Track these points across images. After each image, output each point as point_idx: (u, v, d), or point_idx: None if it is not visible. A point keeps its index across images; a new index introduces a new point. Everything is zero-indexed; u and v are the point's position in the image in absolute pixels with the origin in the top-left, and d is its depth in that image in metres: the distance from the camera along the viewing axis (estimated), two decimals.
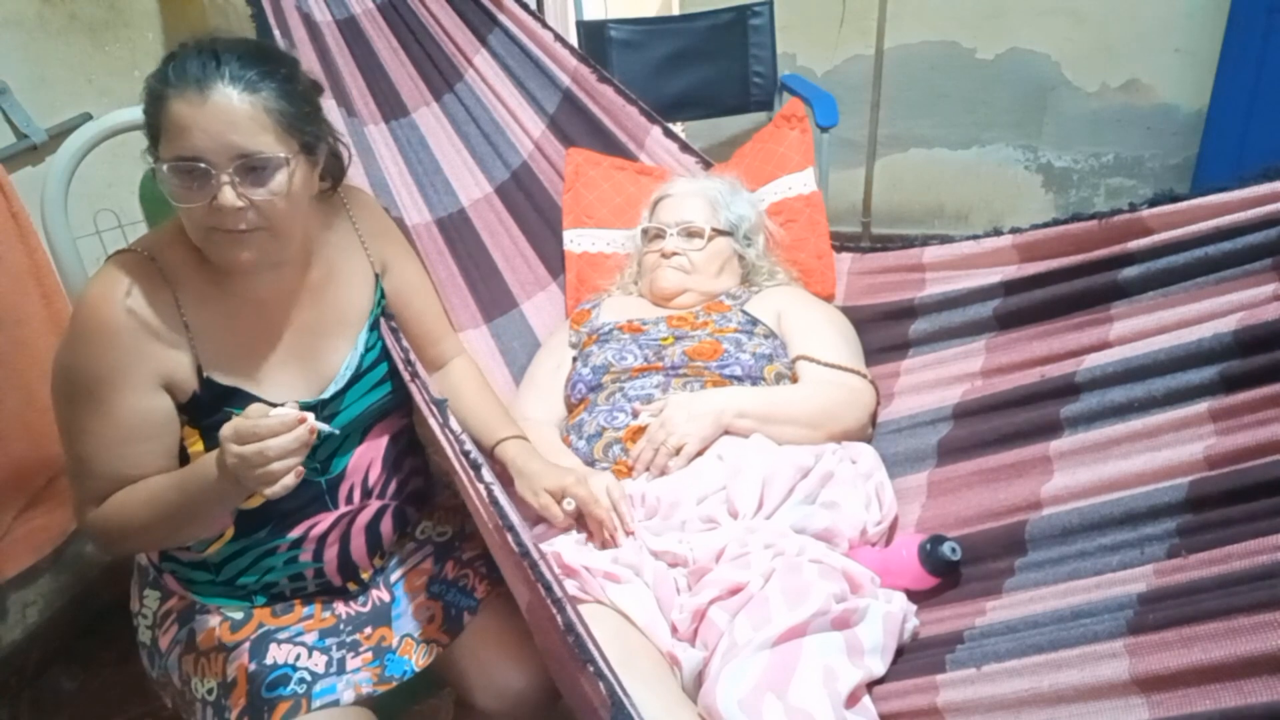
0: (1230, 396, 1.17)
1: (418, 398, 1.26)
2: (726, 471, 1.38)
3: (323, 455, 1.24)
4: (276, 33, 1.62)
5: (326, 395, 1.24)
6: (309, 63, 1.64)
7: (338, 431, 1.21)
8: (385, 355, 1.32)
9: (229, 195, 1.05)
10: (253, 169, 1.06)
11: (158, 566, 1.26)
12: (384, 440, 1.31)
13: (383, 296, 1.35)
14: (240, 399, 1.17)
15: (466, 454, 1.17)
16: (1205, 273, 1.32)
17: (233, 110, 1.04)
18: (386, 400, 1.31)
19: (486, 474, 1.14)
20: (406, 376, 1.29)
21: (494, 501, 1.11)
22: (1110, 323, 1.40)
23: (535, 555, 1.06)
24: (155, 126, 1.06)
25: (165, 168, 1.05)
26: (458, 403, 1.41)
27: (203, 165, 1.04)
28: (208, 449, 1.16)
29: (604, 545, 1.32)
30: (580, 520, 1.36)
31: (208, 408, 1.16)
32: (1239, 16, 2.79)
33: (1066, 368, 1.38)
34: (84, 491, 1.13)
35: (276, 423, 0.98)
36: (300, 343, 1.23)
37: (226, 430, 0.99)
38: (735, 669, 1.08)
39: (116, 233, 1.79)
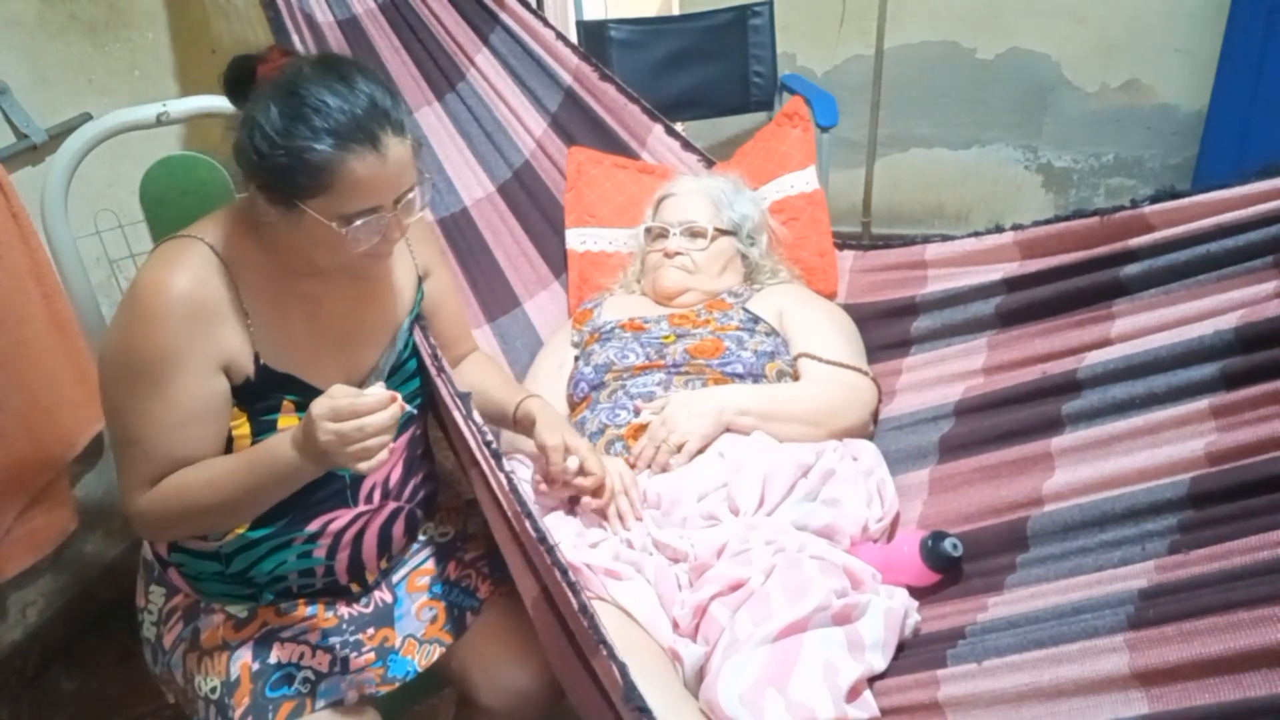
0: (1231, 393, 1.17)
1: (443, 391, 1.28)
2: (728, 469, 1.39)
3: None
4: (295, 37, 1.62)
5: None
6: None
7: (415, 411, 1.26)
8: (413, 353, 1.34)
9: (397, 231, 1.13)
10: (409, 200, 1.12)
11: (164, 561, 1.26)
12: (404, 441, 1.32)
13: (422, 297, 1.37)
14: (294, 387, 1.17)
15: (488, 444, 1.19)
16: (1206, 270, 1.32)
17: (401, 158, 1.08)
18: (414, 397, 1.33)
19: (507, 464, 1.16)
20: (433, 371, 1.31)
21: (514, 489, 1.13)
22: (1112, 320, 1.40)
23: (552, 541, 1.07)
24: (316, 185, 1.04)
25: (341, 226, 1.07)
26: (483, 382, 1.45)
27: (380, 213, 1.09)
28: (255, 435, 1.16)
29: (601, 512, 1.35)
30: (572, 503, 1.38)
31: (259, 394, 1.16)
32: (1239, 16, 2.79)
33: (1068, 365, 1.38)
34: (135, 475, 1.12)
35: (374, 400, 1.01)
36: (346, 336, 1.25)
37: (320, 409, 1.00)
38: (736, 664, 1.08)
39: (116, 233, 1.78)
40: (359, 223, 1.08)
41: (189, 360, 1.09)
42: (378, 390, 1.03)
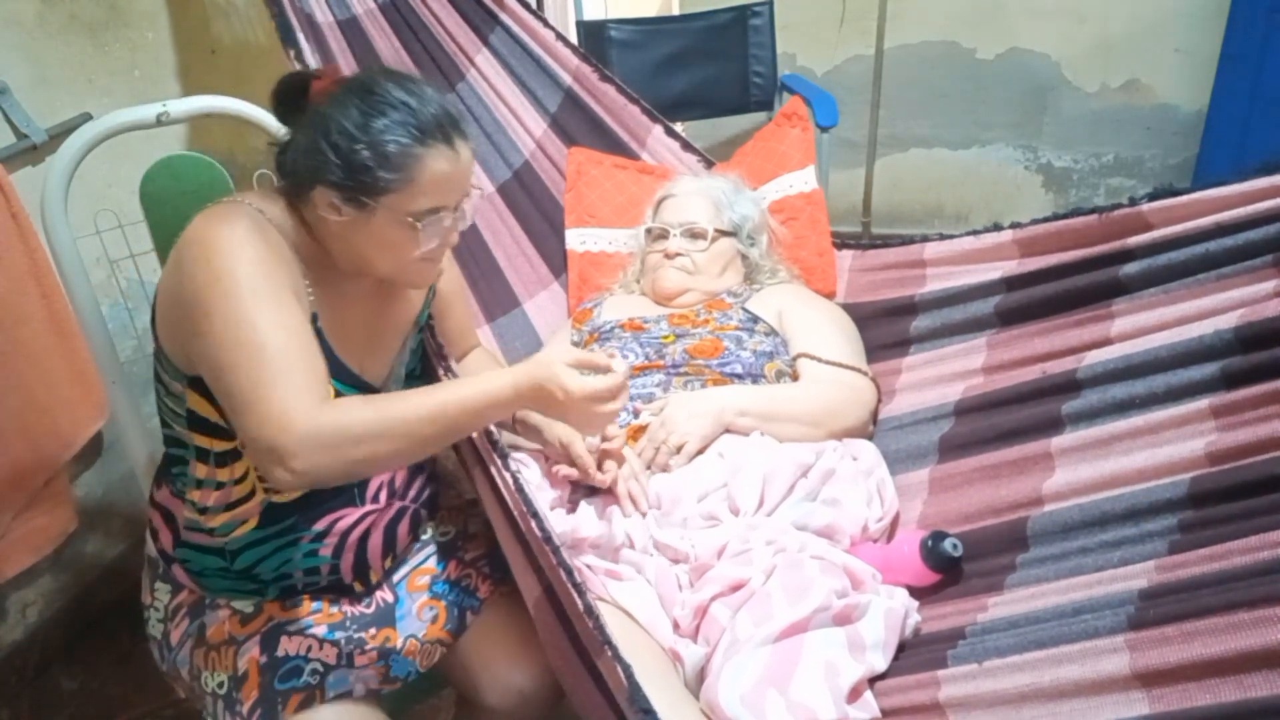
0: (1231, 393, 1.17)
1: None
2: (727, 469, 1.38)
3: None
4: (300, 36, 1.62)
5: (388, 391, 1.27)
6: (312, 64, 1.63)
7: None
8: (422, 355, 1.36)
9: (454, 235, 1.16)
10: (464, 205, 1.16)
11: (168, 557, 1.26)
12: None
13: (433, 297, 1.37)
14: (338, 372, 1.17)
15: (495, 444, 1.20)
16: (1206, 269, 1.32)
17: (467, 160, 1.13)
18: None
19: (513, 463, 1.17)
20: (441, 372, 1.32)
21: (520, 489, 1.14)
22: (1111, 319, 1.40)
23: (558, 541, 1.08)
24: (394, 179, 1.07)
25: (417, 221, 1.09)
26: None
27: (446, 214, 1.12)
28: None
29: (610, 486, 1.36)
30: (572, 503, 1.38)
31: None
32: (1239, 16, 2.80)
33: (1068, 364, 1.38)
34: (293, 388, 1.00)
35: (623, 376, 1.16)
36: (366, 337, 1.25)
37: (581, 389, 1.12)
38: (737, 665, 1.08)
39: (116, 233, 1.78)
40: (429, 221, 1.10)
41: (280, 279, 1.06)
42: (621, 364, 1.16)
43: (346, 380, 1.20)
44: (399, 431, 1.05)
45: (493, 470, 1.18)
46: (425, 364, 1.39)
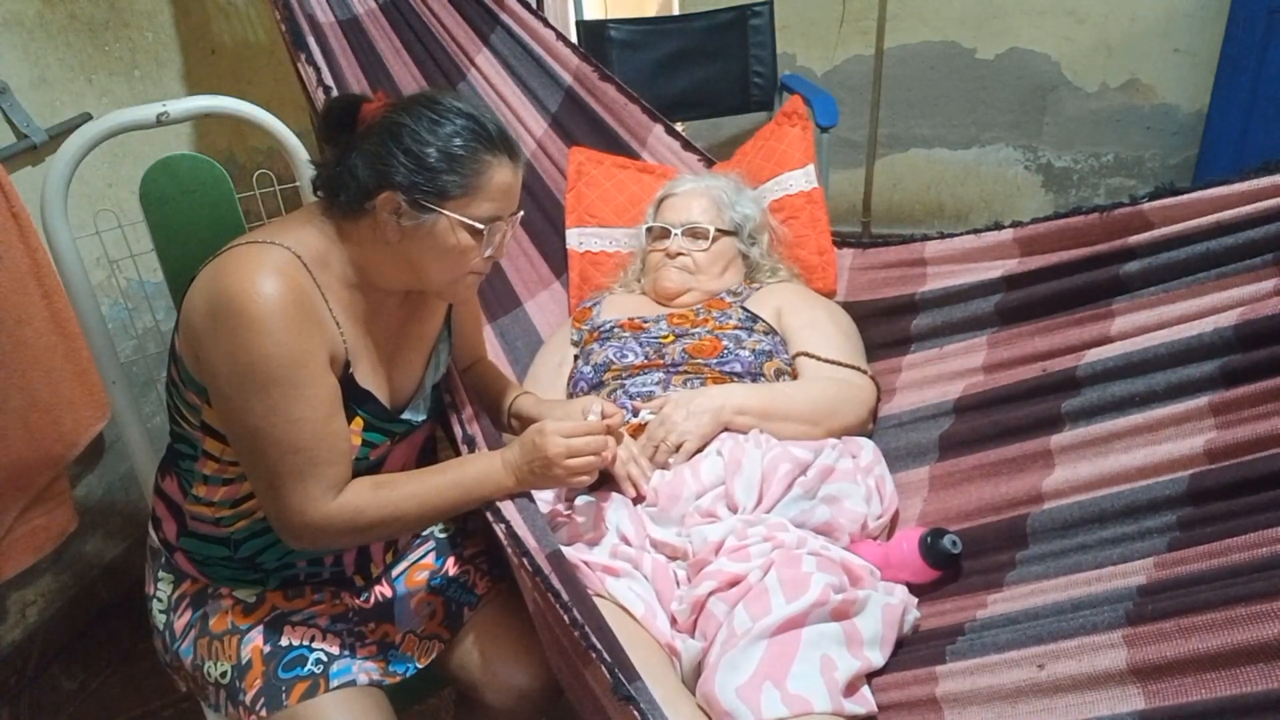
0: (1231, 391, 1.17)
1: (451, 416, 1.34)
2: (726, 467, 1.38)
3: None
4: (310, 40, 1.62)
5: (417, 406, 1.29)
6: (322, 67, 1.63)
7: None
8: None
9: (503, 250, 1.20)
10: (516, 220, 1.20)
11: (171, 545, 1.26)
12: (418, 440, 1.33)
13: (450, 311, 1.38)
14: (369, 404, 1.18)
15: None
16: (1206, 268, 1.32)
17: (520, 176, 1.18)
18: (435, 406, 1.34)
19: (505, 512, 1.19)
20: (455, 425, 1.34)
21: (511, 534, 1.15)
22: (1112, 318, 1.40)
23: (547, 570, 1.09)
24: (462, 184, 1.10)
25: (481, 226, 1.12)
26: (486, 385, 1.50)
27: (502, 223, 1.16)
28: None
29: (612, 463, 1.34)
30: (570, 502, 1.38)
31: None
32: (1239, 16, 2.79)
33: (1068, 362, 1.38)
34: (314, 484, 1.09)
35: (595, 424, 1.21)
36: (396, 355, 1.26)
37: (553, 427, 1.17)
38: (733, 658, 1.08)
39: (116, 233, 1.79)
40: (491, 228, 1.13)
41: (312, 354, 1.07)
42: (594, 420, 1.22)
43: (379, 415, 1.20)
44: (401, 518, 1.16)
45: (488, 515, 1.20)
46: (447, 373, 1.39)
